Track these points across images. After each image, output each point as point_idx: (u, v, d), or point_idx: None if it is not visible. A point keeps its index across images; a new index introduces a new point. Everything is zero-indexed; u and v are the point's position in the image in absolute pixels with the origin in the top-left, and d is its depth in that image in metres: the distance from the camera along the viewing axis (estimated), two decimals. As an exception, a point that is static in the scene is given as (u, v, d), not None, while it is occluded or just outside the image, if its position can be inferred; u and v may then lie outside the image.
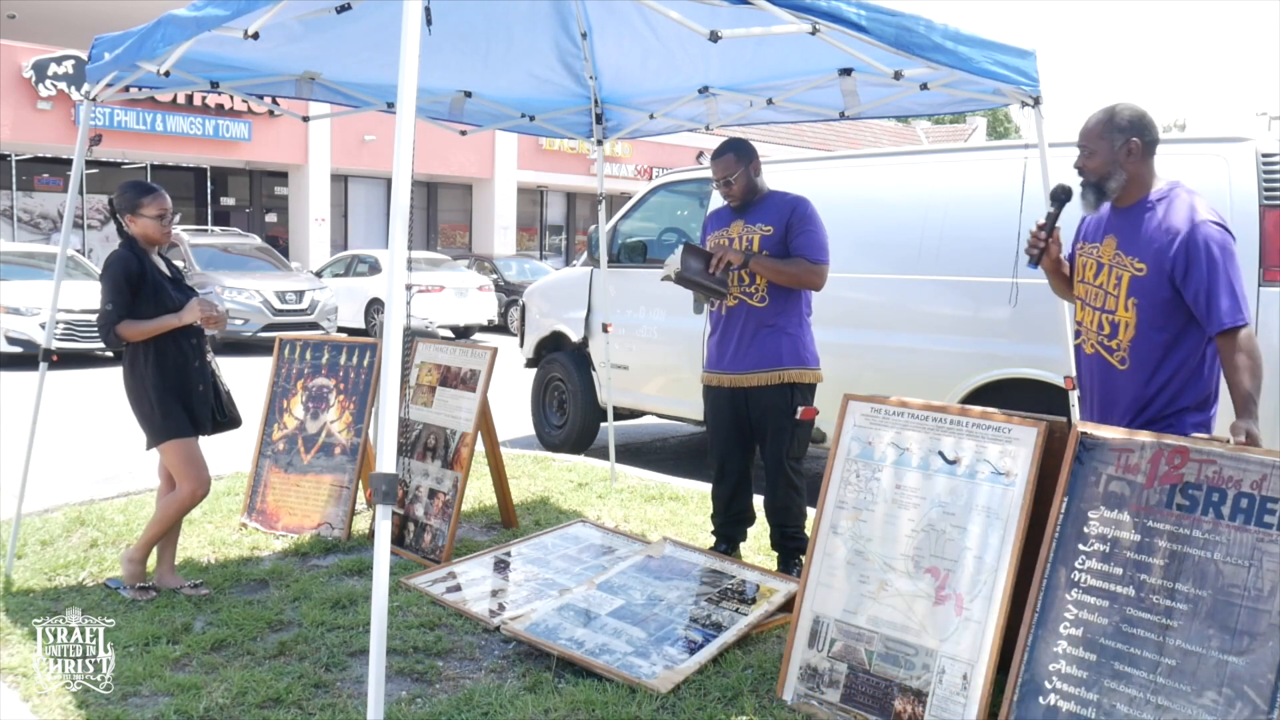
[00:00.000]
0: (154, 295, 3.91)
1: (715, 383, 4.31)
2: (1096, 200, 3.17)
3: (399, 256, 2.50)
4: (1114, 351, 3.14)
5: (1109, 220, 3.21)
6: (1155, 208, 3.08)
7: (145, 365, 3.92)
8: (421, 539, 4.67)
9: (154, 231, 3.98)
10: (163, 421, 3.93)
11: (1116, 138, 3.08)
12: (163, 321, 3.90)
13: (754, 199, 4.25)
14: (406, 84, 2.49)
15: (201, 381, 4.06)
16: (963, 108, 4.62)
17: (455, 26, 4.37)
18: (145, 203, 3.96)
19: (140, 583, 4.05)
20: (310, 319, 14.93)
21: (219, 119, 20.31)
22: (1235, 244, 3.02)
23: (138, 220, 3.96)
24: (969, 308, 5.24)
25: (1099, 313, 3.18)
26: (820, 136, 28.72)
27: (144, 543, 4.07)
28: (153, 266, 3.97)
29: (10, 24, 20.72)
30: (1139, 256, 3.06)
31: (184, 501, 4.01)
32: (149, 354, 3.92)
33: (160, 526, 4.03)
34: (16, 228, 20.32)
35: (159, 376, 3.92)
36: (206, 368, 4.10)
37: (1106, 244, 3.17)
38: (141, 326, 3.87)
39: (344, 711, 3.07)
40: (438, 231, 26.46)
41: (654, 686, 3.22)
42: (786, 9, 3.04)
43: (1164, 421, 3.07)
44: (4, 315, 11.96)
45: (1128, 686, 2.64)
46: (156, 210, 3.96)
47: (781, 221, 4.14)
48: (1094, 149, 3.12)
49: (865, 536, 3.21)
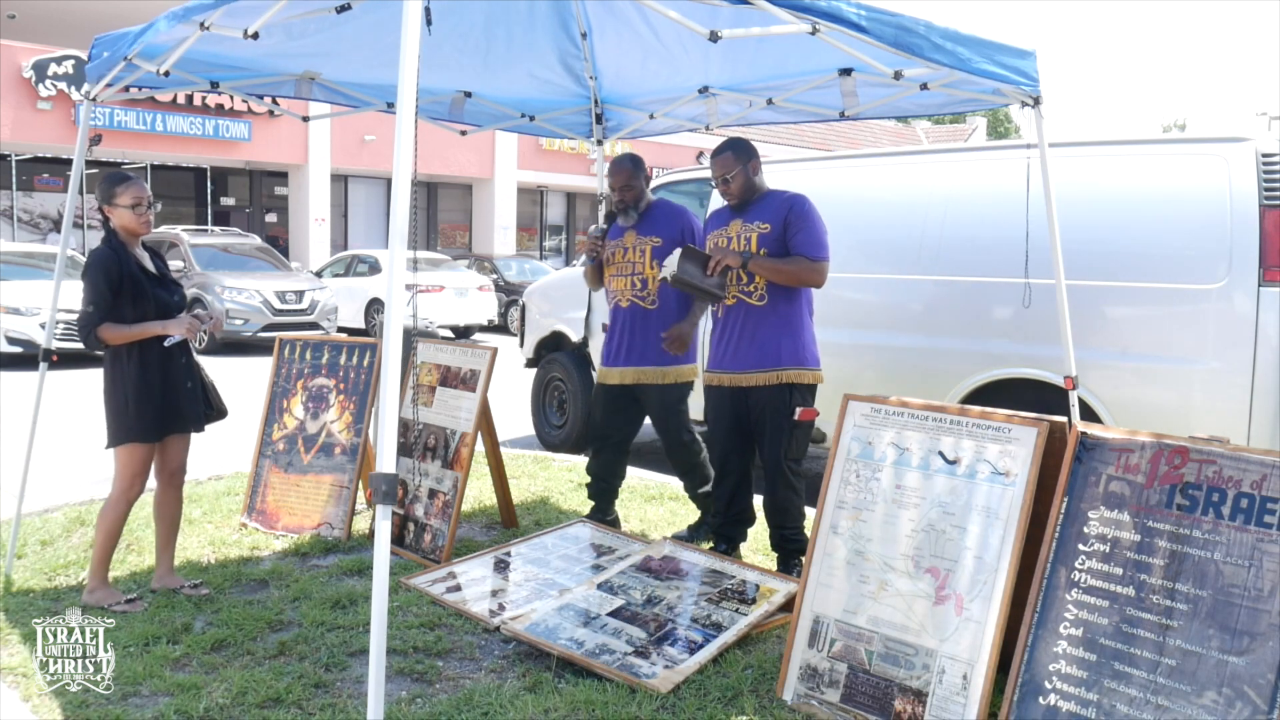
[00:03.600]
0: (134, 297, 3.81)
1: (715, 382, 4.31)
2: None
3: (399, 256, 2.50)
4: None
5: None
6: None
7: (128, 362, 3.84)
8: (421, 539, 4.67)
9: (131, 221, 3.86)
10: (134, 422, 3.84)
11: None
12: (146, 328, 3.80)
13: (752, 198, 4.26)
14: (406, 84, 2.49)
15: (189, 378, 4.00)
16: (963, 108, 4.62)
17: (455, 26, 4.38)
18: (119, 192, 3.85)
19: (116, 601, 3.92)
20: (310, 319, 14.93)
21: (219, 119, 20.31)
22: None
23: (115, 211, 3.87)
24: (969, 308, 5.24)
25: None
26: (820, 136, 28.71)
27: (95, 566, 3.96)
28: (134, 264, 3.86)
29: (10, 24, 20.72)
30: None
31: (115, 503, 3.90)
32: (133, 351, 3.84)
33: (106, 541, 3.93)
34: (16, 228, 20.34)
35: (141, 375, 3.84)
36: (192, 363, 4.05)
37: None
38: (123, 331, 3.79)
39: (344, 711, 3.07)
40: (438, 231, 26.46)
41: (654, 686, 3.22)
42: (786, 9, 3.04)
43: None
44: (4, 315, 11.96)
45: (1128, 686, 2.64)
46: (131, 199, 3.85)
47: (779, 219, 4.15)
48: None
49: (865, 536, 3.21)
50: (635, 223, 4.73)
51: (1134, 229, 4.75)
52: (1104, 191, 4.88)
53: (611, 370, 4.77)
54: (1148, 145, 5.05)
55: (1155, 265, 4.66)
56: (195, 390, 4.04)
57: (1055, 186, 4.23)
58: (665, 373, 4.68)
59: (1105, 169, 4.94)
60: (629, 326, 4.71)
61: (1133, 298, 4.73)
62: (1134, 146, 4.99)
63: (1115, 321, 4.79)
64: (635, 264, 4.68)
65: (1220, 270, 4.45)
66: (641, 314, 4.67)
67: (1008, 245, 4.93)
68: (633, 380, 4.71)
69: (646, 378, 4.69)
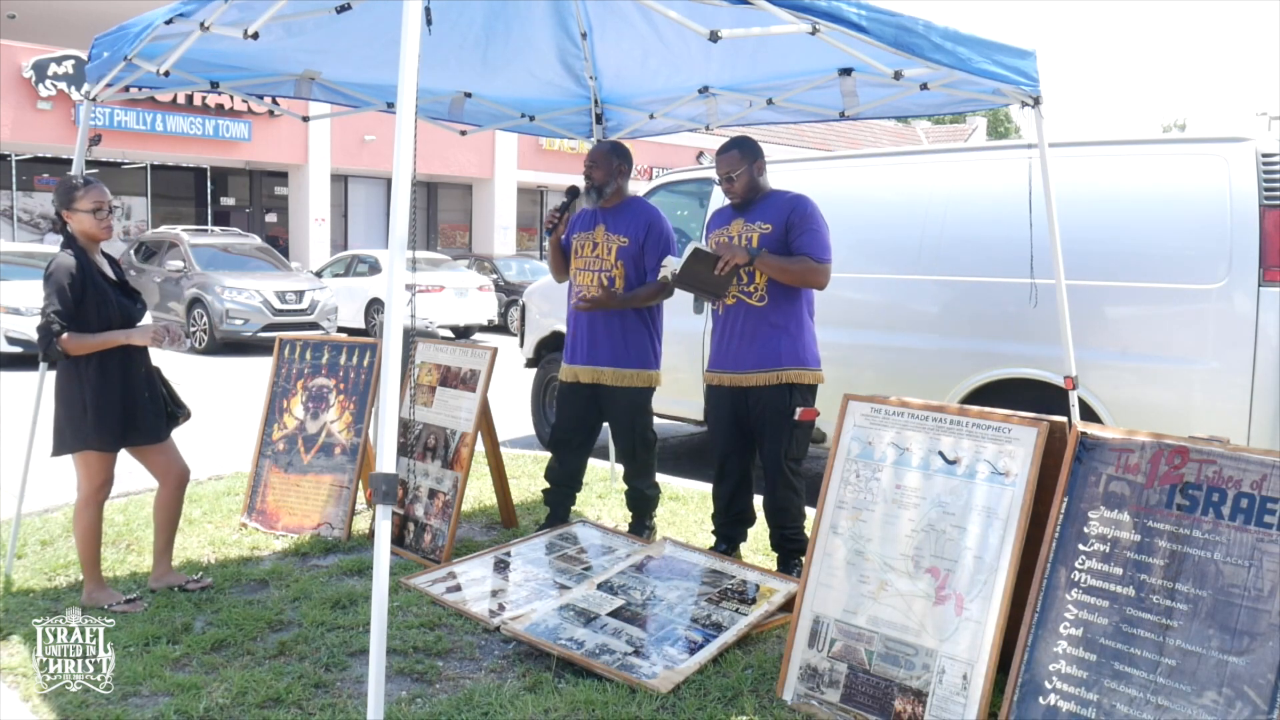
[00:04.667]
0: (97, 305, 3.71)
1: (716, 382, 4.31)
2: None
3: (399, 256, 2.50)
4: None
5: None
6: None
7: (87, 368, 3.72)
8: (421, 539, 4.67)
9: (91, 226, 3.76)
10: (92, 431, 3.73)
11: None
12: (110, 338, 3.70)
13: (755, 197, 4.26)
14: (406, 84, 2.49)
15: (148, 388, 3.90)
16: (963, 108, 4.62)
17: (455, 26, 4.38)
18: (79, 196, 3.74)
19: (115, 601, 3.91)
20: (310, 319, 14.92)
21: (219, 119, 20.31)
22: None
23: (74, 215, 3.76)
24: (969, 308, 5.24)
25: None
26: (820, 136, 28.72)
27: (86, 569, 3.92)
28: (95, 271, 3.76)
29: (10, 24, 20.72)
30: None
31: (86, 506, 3.83)
32: (92, 359, 3.72)
33: (87, 543, 3.89)
34: (16, 228, 20.34)
35: (101, 382, 3.73)
36: (151, 371, 3.94)
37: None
38: (86, 341, 3.67)
39: (344, 711, 3.07)
40: (438, 231, 26.46)
41: (654, 687, 3.22)
42: (786, 9, 3.04)
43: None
44: (4, 315, 11.96)
45: (1128, 686, 2.64)
46: (92, 203, 3.75)
47: (781, 220, 4.14)
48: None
49: (865, 536, 3.21)
50: (596, 204, 4.65)
51: (1134, 229, 4.75)
52: (1104, 191, 4.88)
53: (573, 369, 4.70)
54: (1148, 145, 5.04)
55: (1155, 265, 4.66)
56: (156, 400, 3.94)
57: (1055, 187, 4.23)
58: (625, 375, 4.60)
59: (1105, 169, 4.94)
60: (593, 324, 4.62)
61: (1133, 298, 4.73)
62: (1134, 146, 4.99)
63: (1115, 321, 4.79)
64: (603, 260, 4.61)
65: (1220, 270, 4.45)
66: (606, 312, 4.59)
67: (1008, 245, 4.94)
68: (592, 380, 4.63)
69: (606, 378, 4.62)
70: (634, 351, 4.61)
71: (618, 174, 4.67)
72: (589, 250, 4.65)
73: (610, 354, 4.60)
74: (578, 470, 4.90)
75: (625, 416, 4.69)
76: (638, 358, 4.62)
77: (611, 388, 4.63)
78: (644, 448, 4.77)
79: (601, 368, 4.63)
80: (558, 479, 4.89)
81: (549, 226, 4.73)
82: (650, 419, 4.80)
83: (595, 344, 4.62)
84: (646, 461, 4.80)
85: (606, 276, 4.58)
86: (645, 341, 4.66)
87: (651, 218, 4.64)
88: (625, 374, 4.61)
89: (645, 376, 4.65)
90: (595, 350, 4.62)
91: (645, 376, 4.65)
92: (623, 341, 4.59)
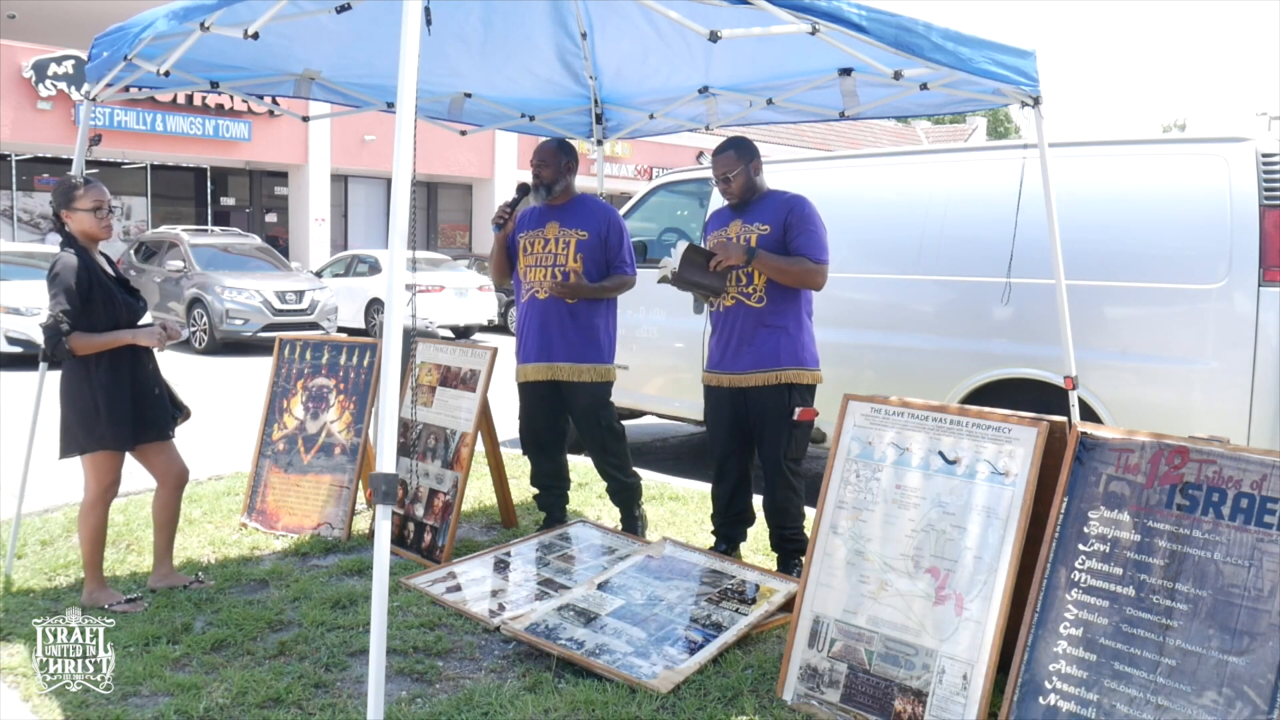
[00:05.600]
0: (104, 303, 3.72)
1: (715, 382, 4.31)
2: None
3: (399, 256, 2.50)
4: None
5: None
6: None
7: (98, 369, 3.73)
8: (421, 539, 4.67)
9: (91, 226, 3.77)
10: (106, 429, 3.74)
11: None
12: (116, 337, 3.71)
13: (753, 198, 4.26)
14: (406, 84, 2.49)
15: (156, 385, 3.92)
16: (963, 108, 4.62)
17: (455, 26, 4.38)
18: (79, 195, 3.74)
19: (115, 601, 3.91)
20: (310, 319, 14.93)
21: (219, 119, 20.31)
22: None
23: (74, 215, 3.76)
24: (969, 308, 5.24)
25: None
26: (820, 136, 28.71)
27: (88, 570, 3.93)
28: (98, 270, 3.77)
29: (10, 24, 20.72)
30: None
31: (93, 507, 3.84)
32: (102, 358, 3.74)
33: (93, 544, 3.89)
34: (16, 228, 20.34)
35: (112, 382, 3.74)
36: (158, 370, 3.97)
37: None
38: (94, 340, 3.67)
39: (344, 711, 3.07)
40: (438, 231, 26.46)
41: (654, 687, 3.22)
42: (786, 9, 3.04)
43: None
44: (4, 315, 11.96)
45: (1128, 686, 2.64)
46: (92, 202, 3.75)
47: (779, 221, 4.14)
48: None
49: (865, 536, 3.21)
50: (545, 201, 4.65)
51: (1134, 229, 4.75)
52: (1104, 191, 4.88)
53: (528, 367, 4.65)
54: (1148, 145, 5.05)
55: (1155, 265, 4.66)
56: (162, 398, 3.96)
57: (1055, 186, 4.23)
58: (582, 370, 4.57)
59: (1105, 169, 4.94)
60: (547, 320, 4.57)
61: (1133, 298, 4.74)
62: (1134, 146, 4.99)
63: (1115, 321, 4.79)
64: (557, 255, 4.58)
65: (1220, 270, 4.45)
66: (561, 308, 4.56)
67: (1007, 245, 4.94)
68: (549, 376, 4.59)
69: (563, 374, 4.58)
70: (589, 346, 4.58)
71: (566, 171, 4.66)
72: (539, 247, 4.63)
73: (565, 350, 4.57)
74: (559, 468, 4.89)
75: (589, 412, 4.66)
76: (593, 352, 4.59)
77: (571, 384, 4.60)
78: (614, 439, 4.74)
79: (558, 364, 4.59)
80: (542, 481, 4.88)
81: (498, 222, 4.68)
82: (614, 410, 4.76)
83: (548, 341, 4.58)
84: (620, 452, 4.77)
85: (562, 271, 4.55)
86: (600, 337, 4.63)
87: (610, 213, 4.68)
88: (582, 369, 4.58)
89: (602, 371, 4.63)
90: (548, 347, 4.58)
91: (602, 371, 4.63)
92: (576, 337, 4.57)
